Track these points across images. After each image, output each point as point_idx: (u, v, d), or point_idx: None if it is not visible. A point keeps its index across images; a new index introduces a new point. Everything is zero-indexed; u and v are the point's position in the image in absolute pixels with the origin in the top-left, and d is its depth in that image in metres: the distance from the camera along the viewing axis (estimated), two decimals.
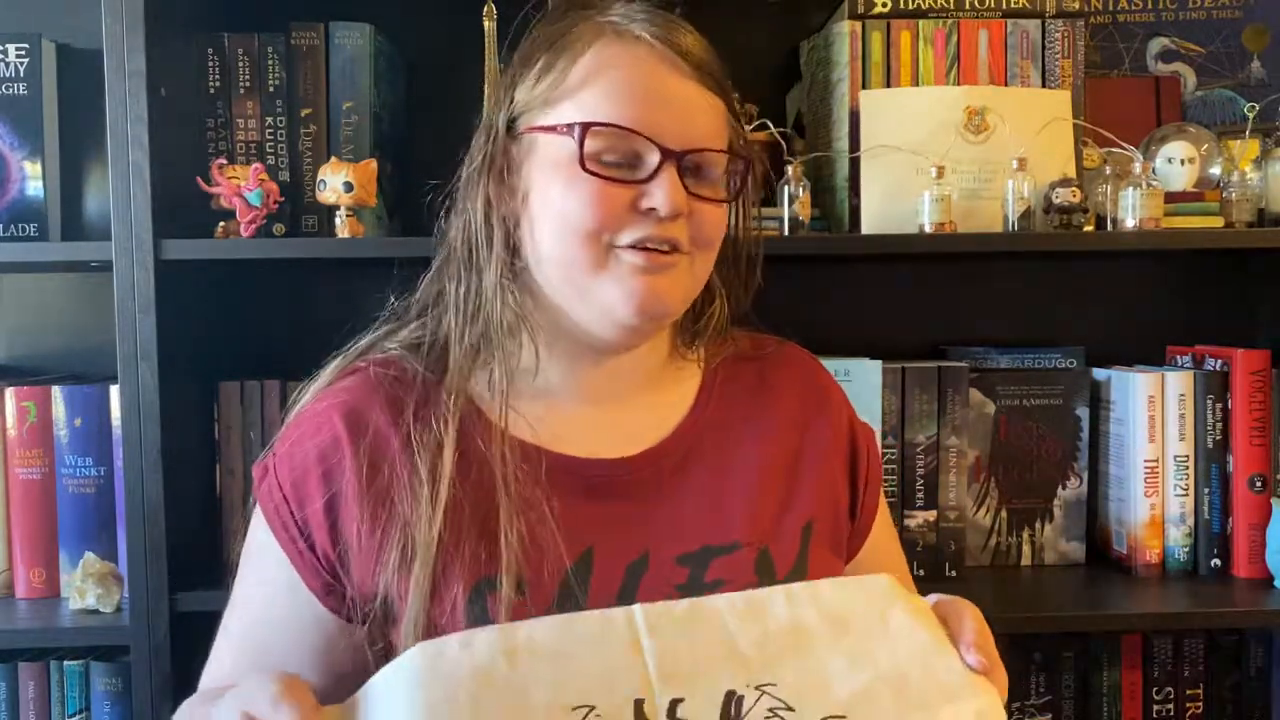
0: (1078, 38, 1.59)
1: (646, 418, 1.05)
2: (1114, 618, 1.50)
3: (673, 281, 0.98)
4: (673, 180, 0.96)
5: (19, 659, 1.52)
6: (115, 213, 1.41)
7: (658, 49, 0.98)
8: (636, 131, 0.95)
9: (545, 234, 0.98)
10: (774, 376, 1.11)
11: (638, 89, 0.97)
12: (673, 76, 0.97)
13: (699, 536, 0.99)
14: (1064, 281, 1.78)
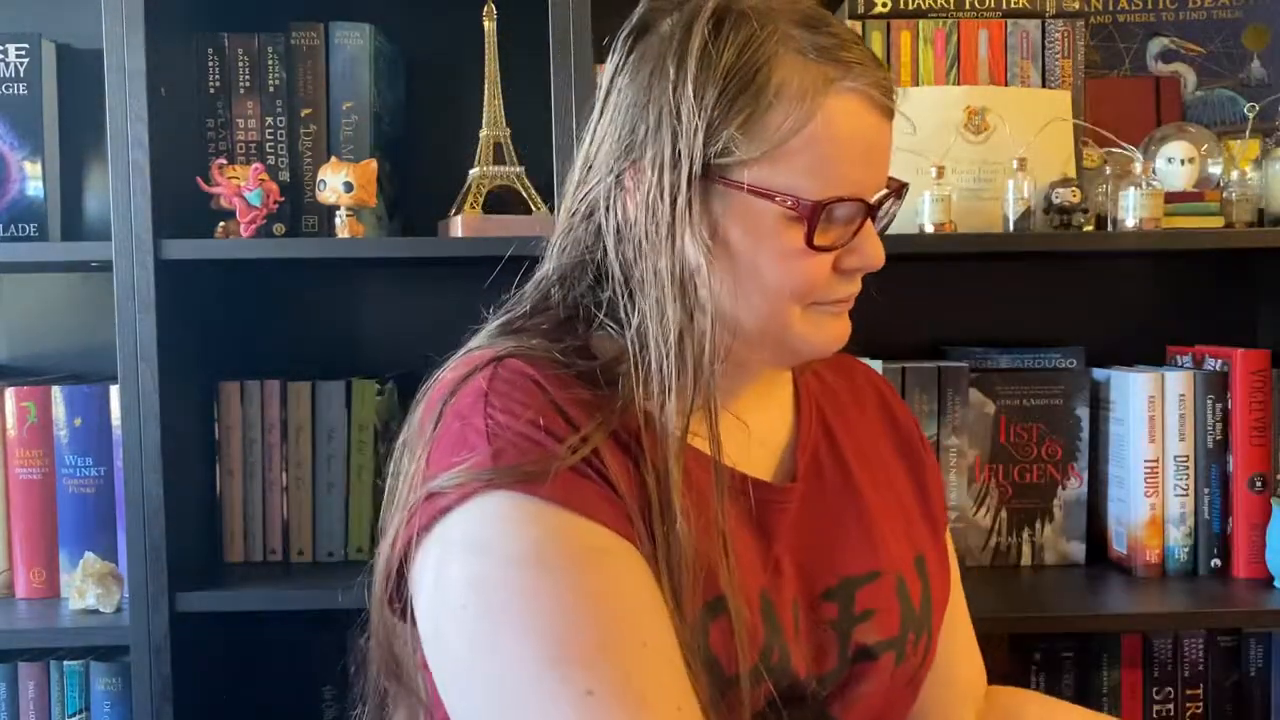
0: (1078, 38, 1.59)
1: (765, 422, 1.00)
2: (1114, 618, 1.50)
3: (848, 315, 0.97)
4: (873, 233, 0.94)
5: (19, 659, 1.52)
6: (115, 213, 1.41)
7: (874, 98, 0.90)
8: (860, 200, 0.91)
9: (745, 293, 0.91)
10: (858, 394, 1.10)
11: (864, 152, 0.91)
12: (885, 126, 0.92)
13: (837, 569, 0.96)
14: (1064, 281, 1.78)
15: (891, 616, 0.96)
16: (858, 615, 0.95)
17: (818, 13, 0.91)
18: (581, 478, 0.83)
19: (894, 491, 1.05)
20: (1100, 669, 1.60)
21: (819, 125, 0.88)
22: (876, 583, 0.97)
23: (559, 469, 0.82)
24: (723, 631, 0.86)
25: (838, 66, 0.88)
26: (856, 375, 1.12)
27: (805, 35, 0.89)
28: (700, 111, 0.88)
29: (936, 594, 1.02)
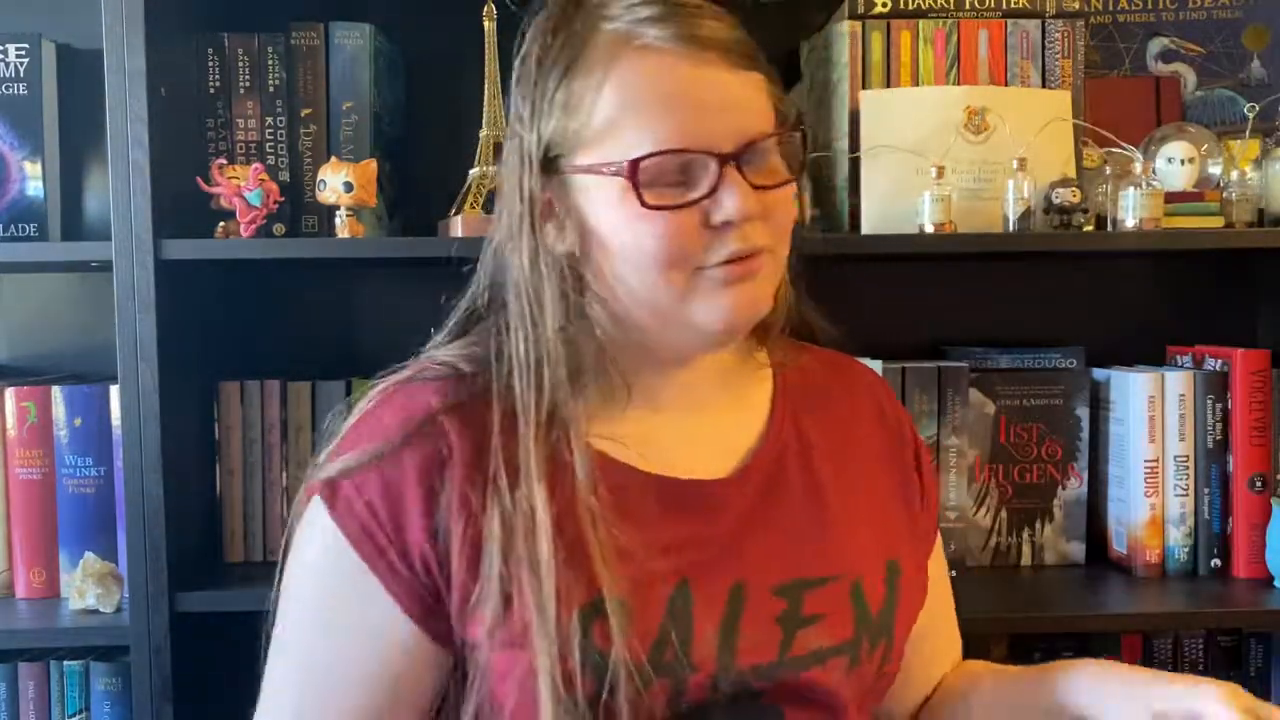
0: (1078, 38, 1.58)
1: (729, 424, 1.02)
2: (1114, 618, 1.51)
3: (760, 284, 0.94)
4: (737, 184, 0.91)
5: (19, 659, 1.52)
6: (115, 213, 1.41)
7: (678, 50, 0.91)
8: (685, 150, 0.90)
9: (621, 273, 0.93)
10: (847, 395, 1.09)
11: (672, 103, 0.91)
12: (703, 74, 0.91)
13: (790, 568, 0.96)
14: (1064, 281, 1.78)
15: (842, 622, 0.96)
16: (805, 617, 0.95)
17: None
18: (361, 502, 0.92)
19: (871, 496, 1.04)
20: None
21: (619, 89, 0.91)
22: (828, 587, 0.96)
23: (352, 498, 0.92)
24: (609, 629, 0.88)
25: (635, 26, 0.91)
26: (853, 377, 1.12)
27: (613, 5, 0.93)
28: (531, 109, 0.94)
29: (905, 600, 1.01)
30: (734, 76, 0.92)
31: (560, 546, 0.89)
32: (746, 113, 0.92)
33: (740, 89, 0.92)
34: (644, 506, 0.94)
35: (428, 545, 0.91)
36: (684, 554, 0.93)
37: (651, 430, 0.98)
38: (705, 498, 0.97)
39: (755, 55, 0.95)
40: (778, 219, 0.95)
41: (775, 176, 0.94)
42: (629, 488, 0.94)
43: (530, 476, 0.91)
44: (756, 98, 0.93)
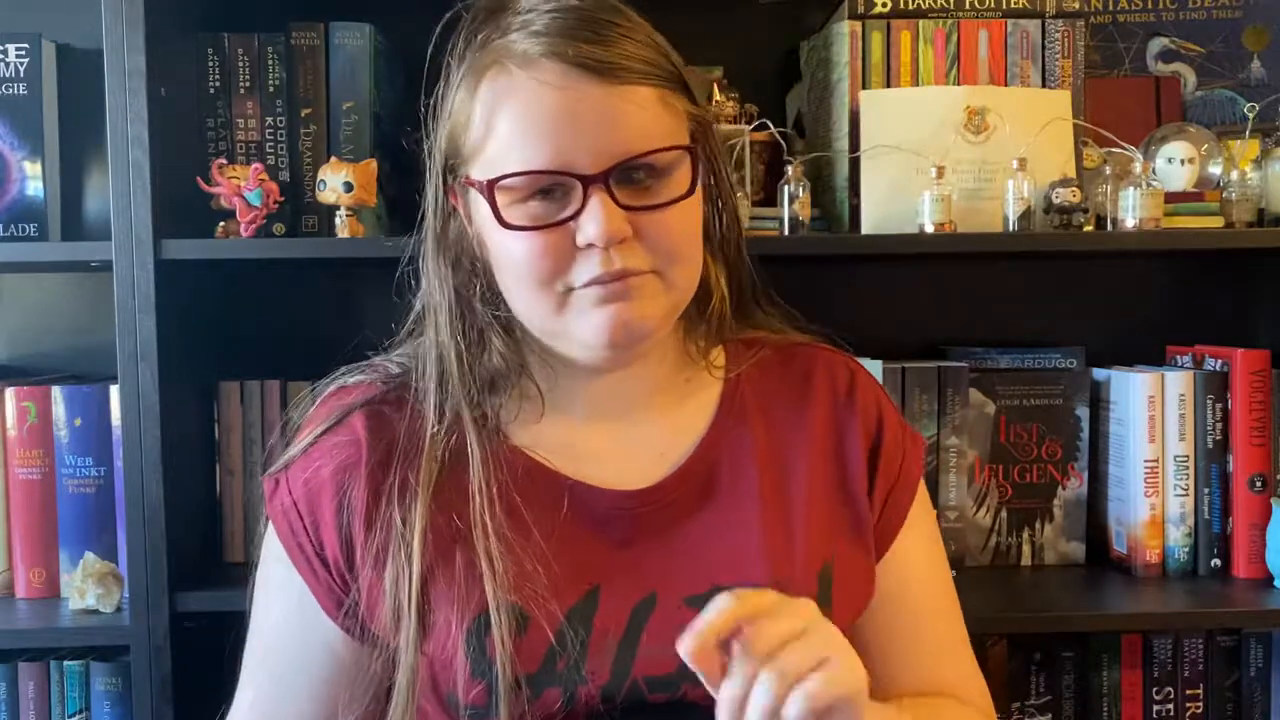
0: (1078, 38, 1.58)
1: (663, 433, 1.00)
2: (1114, 618, 1.51)
3: (642, 305, 0.91)
4: (603, 207, 0.87)
5: (19, 659, 1.52)
6: (115, 213, 1.41)
7: (547, 65, 0.87)
8: (545, 172, 0.88)
9: (507, 284, 0.94)
10: (804, 390, 1.05)
11: (536, 120, 0.88)
12: (574, 90, 0.87)
13: (709, 575, 0.94)
14: (1064, 281, 1.78)
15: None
16: None
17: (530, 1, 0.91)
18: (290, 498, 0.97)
19: (811, 494, 1.00)
20: (1100, 669, 1.60)
21: (489, 105, 0.90)
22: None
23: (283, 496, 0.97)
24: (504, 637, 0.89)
25: (513, 41, 0.89)
26: (813, 368, 1.07)
27: (497, 20, 0.91)
28: (434, 116, 0.96)
29: (840, 605, 0.97)
30: (609, 93, 0.87)
31: (462, 555, 0.91)
32: (619, 131, 0.88)
33: (615, 106, 0.87)
34: (560, 514, 0.94)
35: (338, 546, 0.95)
36: (597, 563, 0.94)
37: (577, 437, 0.99)
38: (626, 507, 0.96)
39: (651, 67, 0.90)
40: (666, 242, 0.90)
41: (660, 195, 0.90)
42: (548, 494, 0.95)
43: (421, 487, 0.93)
44: (637, 115, 0.88)
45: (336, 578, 0.96)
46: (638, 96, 0.88)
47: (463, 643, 0.90)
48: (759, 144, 1.60)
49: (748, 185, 1.55)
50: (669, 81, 0.91)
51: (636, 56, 0.89)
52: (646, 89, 0.89)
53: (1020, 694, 1.59)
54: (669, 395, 1.02)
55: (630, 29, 0.90)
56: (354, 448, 0.96)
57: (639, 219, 0.89)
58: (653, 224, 0.89)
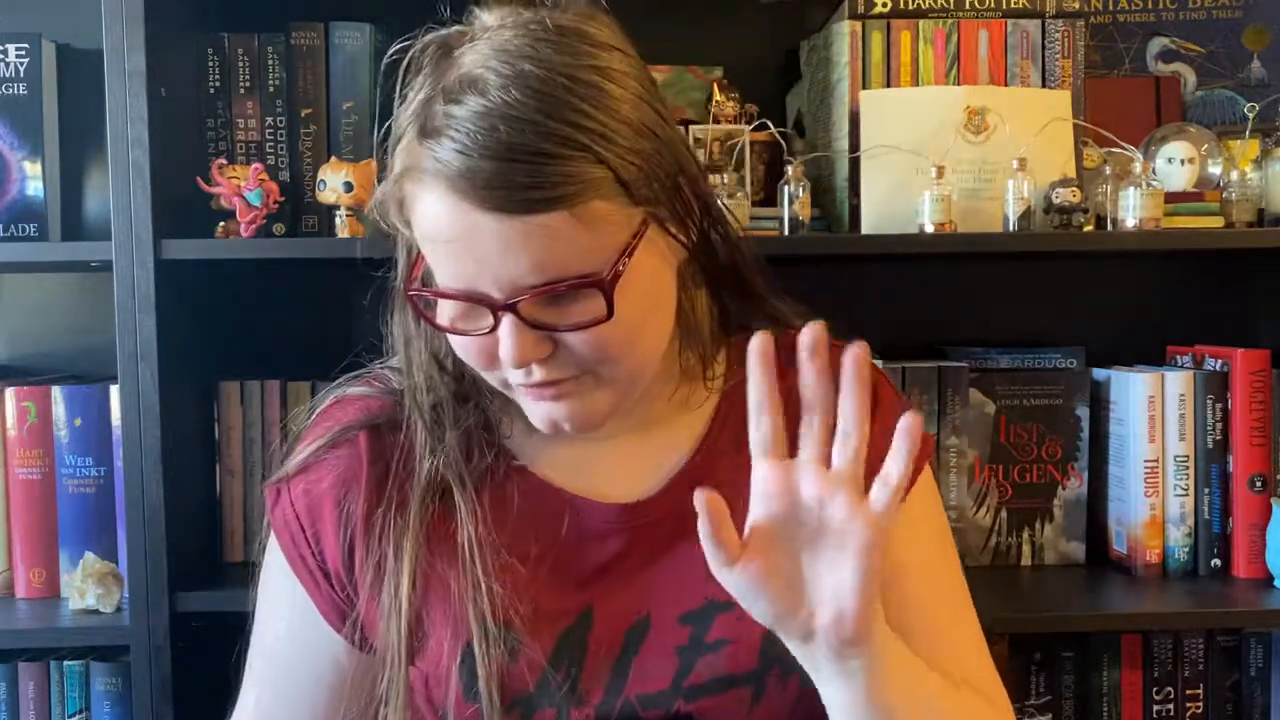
0: (1078, 38, 1.58)
1: (662, 443, 0.98)
2: (1114, 618, 1.51)
3: (580, 402, 0.87)
4: (514, 333, 0.82)
5: (19, 659, 1.52)
6: (115, 213, 1.41)
7: (455, 194, 0.80)
8: (454, 294, 0.84)
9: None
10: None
11: (440, 241, 0.83)
12: (473, 222, 0.80)
13: (704, 590, 0.90)
14: (1064, 281, 1.78)
15: (747, 651, 0.91)
16: (708, 644, 0.91)
17: (471, 77, 0.81)
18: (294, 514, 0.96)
19: None
20: (1100, 669, 1.60)
21: (407, 211, 0.85)
22: (739, 610, 0.87)
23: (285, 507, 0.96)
24: (497, 660, 0.88)
25: (428, 142, 0.82)
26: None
27: (431, 109, 0.83)
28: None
29: None
30: (514, 224, 0.79)
31: (456, 578, 0.90)
32: (522, 263, 0.81)
33: (521, 236, 0.80)
34: (561, 531, 0.93)
35: (340, 558, 0.94)
36: (592, 580, 0.93)
37: (578, 451, 0.96)
38: (622, 521, 0.94)
39: (567, 192, 0.80)
40: (584, 354, 0.85)
41: (578, 315, 0.83)
42: (550, 512, 0.94)
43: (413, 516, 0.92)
44: (546, 245, 0.80)
45: (338, 589, 0.95)
46: (546, 225, 0.80)
47: (456, 665, 0.89)
48: (759, 144, 1.60)
49: (748, 185, 1.55)
50: (597, 194, 0.81)
51: (553, 182, 0.79)
52: (558, 214, 0.80)
53: (1020, 694, 1.59)
54: (670, 405, 0.99)
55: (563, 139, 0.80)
56: (354, 461, 0.95)
57: (559, 335, 0.84)
58: (574, 340, 0.84)
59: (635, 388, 0.90)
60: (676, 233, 0.87)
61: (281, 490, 0.98)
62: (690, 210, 0.89)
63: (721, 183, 1.49)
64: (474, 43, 0.84)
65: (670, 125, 0.88)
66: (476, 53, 0.83)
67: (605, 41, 0.86)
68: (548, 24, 0.84)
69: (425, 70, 0.86)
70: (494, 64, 0.81)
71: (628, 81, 0.84)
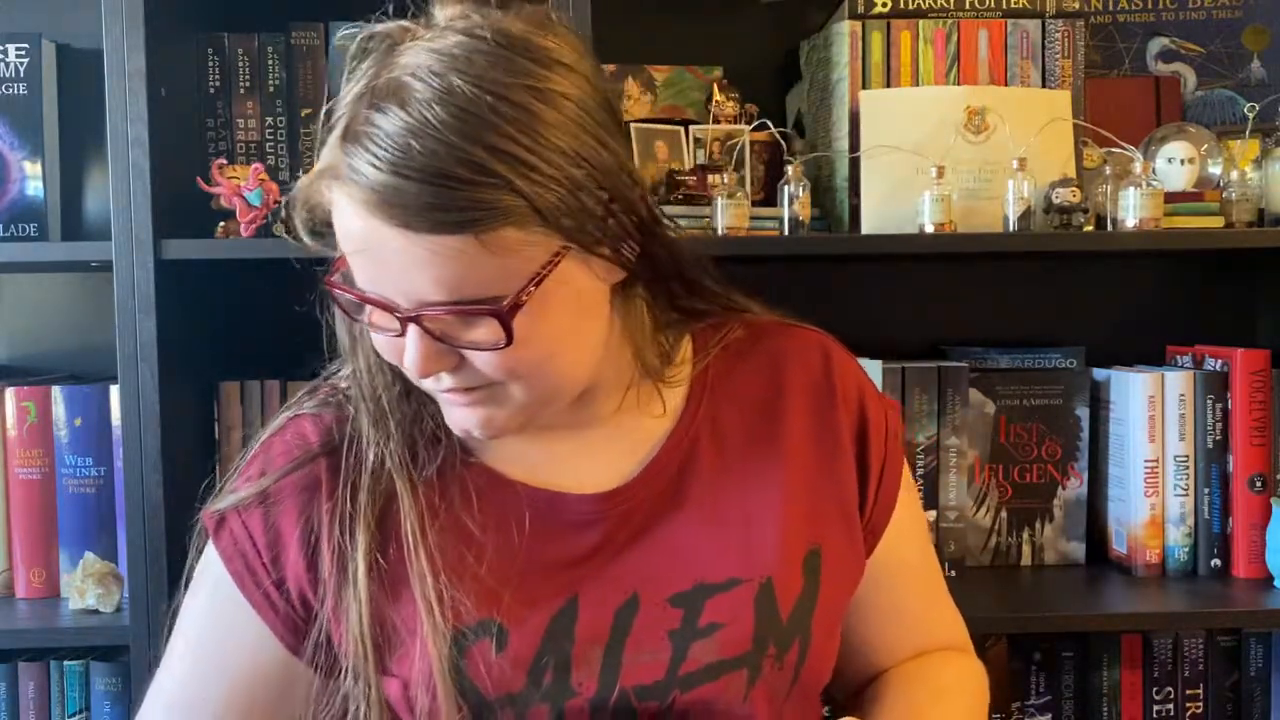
0: (1078, 38, 1.59)
1: (631, 431, 0.97)
2: (1114, 618, 1.50)
3: (493, 411, 0.87)
4: (418, 343, 0.82)
5: (19, 659, 1.52)
6: (115, 213, 1.41)
7: (364, 206, 0.79)
8: (364, 298, 0.83)
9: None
10: (778, 372, 1.01)
11: (351, 245, 0.82)
12: (379, 233, 0.79)
13: (692, 573, 0.91)
14: (1064, 281, 1.78)
15: (740, 632, 0.91)
16: (701, 629, 0.90)
17: (399, 83, 0.80)
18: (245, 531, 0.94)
19: (792, 477, 0.97)
20: (1100, 669, 1.60)
21: (330, 201, 0.84)
22: (733, 592, 0.91)
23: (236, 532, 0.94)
24: (484, 656, 0.88)
25: (346, 155, 0.81)
26: (787, 345, 1.02)
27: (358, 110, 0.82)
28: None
29: (830, 589, 0.96)
30: (419, 241, 0.78)
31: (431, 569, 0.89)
32: (422, 279, 0.79)
33: (426, 254, 0.78)
34: (532, 524, 0.92)
35: (305, 578, 0.93)
36: (573, 571, 0.91)
37: (542, 444, 0.96)
38: (598, 510, 0.93)
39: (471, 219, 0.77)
40: (491, 370, 0.84)
41: (482, 337, 0.82)
42: (511, 507, 0.93)
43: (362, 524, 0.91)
44: (450, 265, 0.78)
45: (299, 608, 0.93)
46: (450, 249, 0.78)
47: (439, 668, 0.88)
48: (759, 144, 1.60)
49: (748, 185, 1.55)
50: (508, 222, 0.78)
51: (461, 206, 0.77)
52: (464, 238, 0.78)
53: (1020, 694, 1.59)
54: (634, 395, 0.97)
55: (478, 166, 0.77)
56: (313, 480, 0.94)
57: (462, 350, 0.83)
58: (478, 359, 0.83)
59: (555, 402, 0.90)
60: (608, 257, 0.85)
61: (228, 516, 0.95)
62: (627, 233, 0.86)
63: (721, 182, 1.49)
64: (417, 41, 0.82)
65: (612, 149, 0.84)
66: (414, 54, 0.81)
67: (552, 57, 0.82)
68: (494, 33, 0.81)
69: (368, 63, 0.85)
70: (425, 73, 0.79)
71: (564, 104, 0.81)
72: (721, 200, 1.47)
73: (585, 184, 0.81)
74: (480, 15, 0.83)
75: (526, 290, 0.80)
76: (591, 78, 0.85)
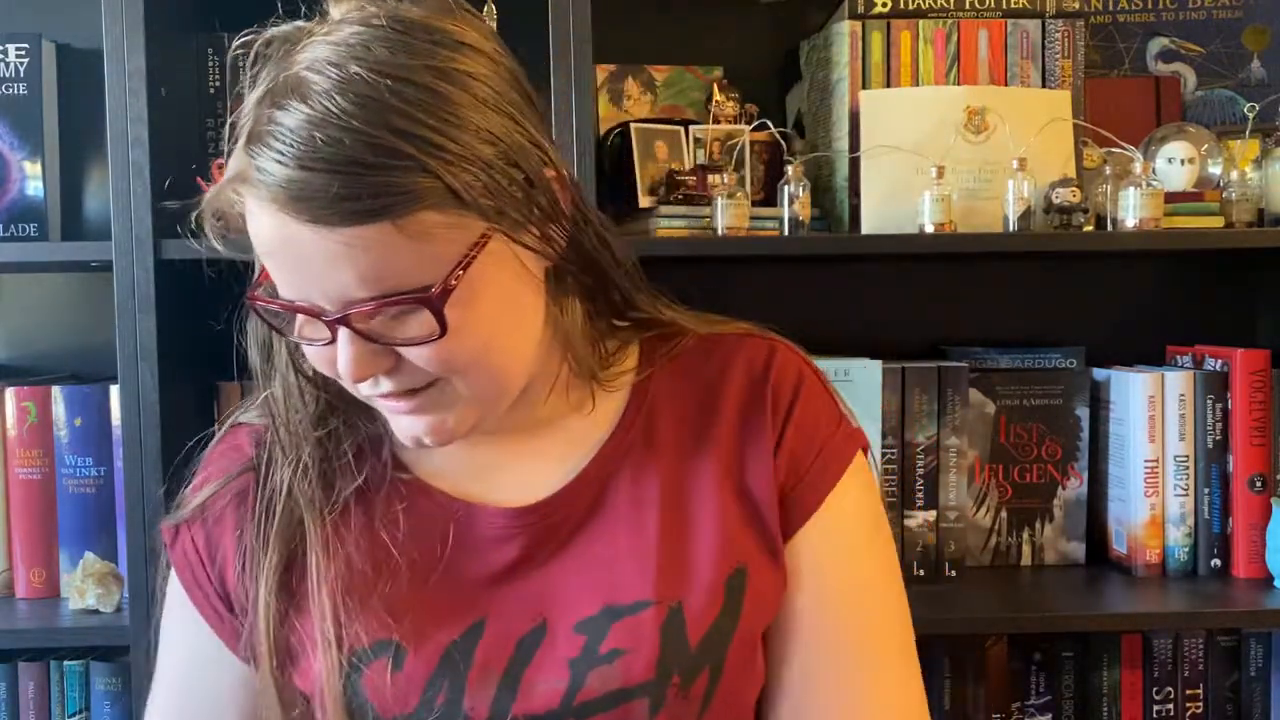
0: (1078, 38, 1.59)
1: (562, 442, 0.93)
2: (1114, 618, 1.50)
3: (440, 416, 0.84)
4: (350, 345, 0.79)
5: (19, 659, 1.52)
6: (115, 213, 1.41)
7: (275, 198, 0.76)
8: (289, 306, 0.80)
9: None
10: (719, 382, 0.94)
11: (268, 251, 0.79)
12: (294, 232, 0.76)
13: (602, 595, 0.87)
14: (1064, 281, 1.78)
15: (643, 659, 0.85)
16: (602, 655, 0.86)
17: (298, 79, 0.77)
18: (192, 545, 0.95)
19: (722, 494, 0.91)
20: (1100, 669, 1.60)
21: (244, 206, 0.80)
22: (639, 616, 0.86)
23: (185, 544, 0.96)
24: (380, 675, 0.86)
25: (251, 157, 0.77)
26: (733, 361, 0.95)
27: (260, 112, 0.78)
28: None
29: (753, 611, 0.89)
30: (334, 236, 0.75)
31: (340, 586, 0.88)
32: (343, 275, 0.76)
33: (343, 248, 0.75)
34: (447, 541, 0.90)
35: (238, 589, 0.93)
36: (484, 590, 0.89)
37: (473, 452, 0.93)
38: (518, 524, 0.90)
39: (383, 205, 0.75)
40: (430, 364, 0.81)
41: (415, 331, 0.79)
42: (433, 520, 0.91)
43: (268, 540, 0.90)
44: (370, 258, 0.76)
45: (241, 617, 0.93)
46: (367, 240, 0.75)
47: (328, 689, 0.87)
48: (759, 144, 1.60)
49: (748, 185, 1.55)
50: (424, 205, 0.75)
51: (373, 193, 0.74)
52: (380, 226, 0.75)
53: (1020, 694, 1.59)
54: (569, 402, 0.93)
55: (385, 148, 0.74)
56: (244, 491, 0.94)
57: (397, 349, 0.80)
58: (415, 354, 0.80)
59: (501, 398, 0.86)
60: (531, 242, 0.81)
61: (180, 529, 0.96)
62: (552, 217, 0.83)
63: (721, 182, 1.49)
64: (313, 39, 0.79)
65: (527, 129, 0.81)
66: (312, 51, 0.78)
67: (453, 38, 0.79)
68: (390, 20, 0.79)
69: (267, 67, 0.81)
70: (323, 66, 0.76)
71: (470, 83, 0.78)
72: (721, 200, 1.47)
73: (497, 162, 0.78)
74: (376, 6, 0.81)
75: (455, 275, 0.77)
76: (497, 57, 0.82)
